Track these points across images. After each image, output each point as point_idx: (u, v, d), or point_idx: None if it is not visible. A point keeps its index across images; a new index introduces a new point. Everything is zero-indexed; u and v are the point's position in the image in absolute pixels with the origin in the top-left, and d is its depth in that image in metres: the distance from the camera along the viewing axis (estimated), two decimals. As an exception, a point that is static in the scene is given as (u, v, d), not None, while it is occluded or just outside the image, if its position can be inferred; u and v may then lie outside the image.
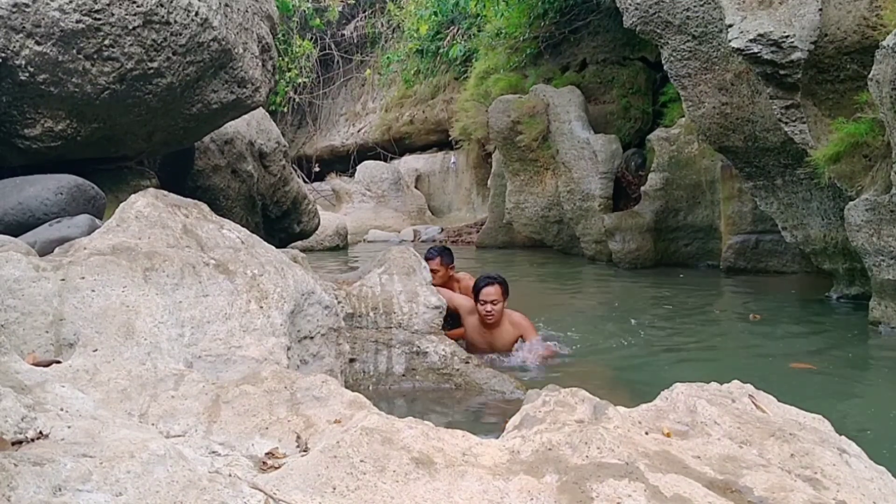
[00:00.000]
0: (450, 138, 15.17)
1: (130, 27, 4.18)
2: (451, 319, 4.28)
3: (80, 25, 4.03)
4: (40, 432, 1.34)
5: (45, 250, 2.78)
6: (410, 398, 3.34)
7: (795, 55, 4.85)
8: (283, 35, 17.01)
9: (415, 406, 3.21)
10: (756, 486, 1.33)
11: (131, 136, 5.03)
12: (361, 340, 3.52)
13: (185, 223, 2.71)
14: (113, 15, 4.10)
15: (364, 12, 19.33)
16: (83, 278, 2.19)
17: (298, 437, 1.63)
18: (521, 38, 11.83)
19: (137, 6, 4.16)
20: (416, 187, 17.50)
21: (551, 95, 10.11)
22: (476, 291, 4.24)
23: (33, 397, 1.48)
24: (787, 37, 4.84)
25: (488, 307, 4.15)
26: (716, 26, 5.98)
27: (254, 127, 8.20)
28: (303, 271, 2.89)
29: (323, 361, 2.78)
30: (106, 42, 4.15)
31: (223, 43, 4.73)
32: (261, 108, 6.78)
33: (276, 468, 1.42)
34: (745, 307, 6.00)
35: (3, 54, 3.92)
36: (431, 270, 4.19)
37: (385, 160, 17.95)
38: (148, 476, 1.20)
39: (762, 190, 6.47)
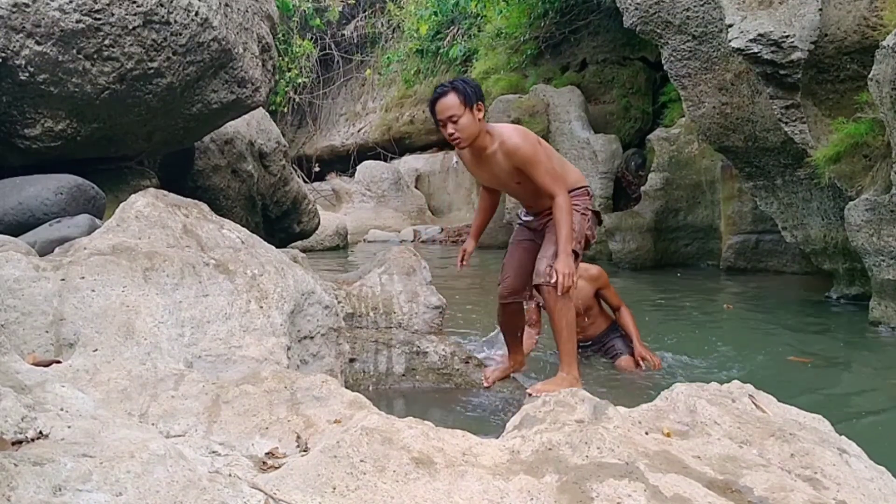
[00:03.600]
0: (450, 138, 15.14)
1: (130, 27, 4.18)
2: None
3: (80, 25, 4.03)
4: (40, 432, 1.34)
5: (45, 250, 2.78)
6: (410, 398, 3.34)
7: (795, 55, 4.85)
8: (283, 35, 17.01)
9: (415, 406, 3.21)
10: (756, 486, 1.33)
11: (131, 136, 5.03)
12: (361, 340, 3.52)
13: (185, 223, 2.71)
14: (113, 15, 4.10)
15: (364, 12, 19.32)
16: (83, 278, 2.19)
17: (298, 437, 1.63)
18: (522, 38, 11.82)
19: (137, 6, 4.16)
20: (416, 187, 17.48)
21: (551, 95, 10.11)
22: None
23: (33, 397, 1.48)
24: (787, 37, 4.84)
25: (449, 129, 3.01)
26: (716, 26, 5.98)
27: (254, 127, 8.20)
28: (303, 271, 2.89)
29: (323, 361, 2.78)
30: (106, 42, 4.15)
31: (223, 43, 4.73)
32: (261, 108, 6.79)
33: (276, 468, 1.42)
34: (744, 307, 6.00)
35: (3, 54, 3.92)
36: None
37: (385, 160, 17.93)
38: (148, 476, 1.20)
39: (762, 190, 6.47)
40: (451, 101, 3.01)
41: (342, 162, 19.24)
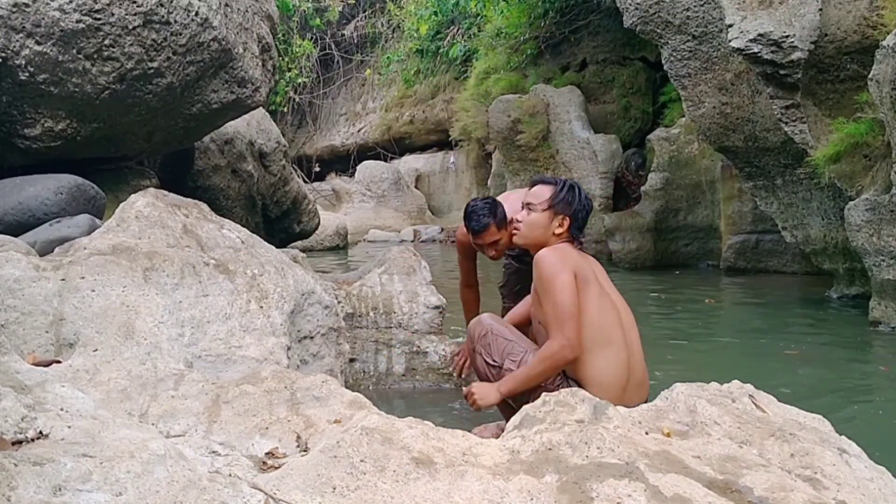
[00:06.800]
0: (450, 138, 15.15)
1: (130, 27, 4.18)
2: None
3: (80, 25, 4.03)
4: (40, 432, 1.34)
5: (45, 250, 2.78)
6: (410, 398, 3.34)
7: (795, 55, 4.85)
8: (283, 35, 17.00)
9: (415, 406, 3.21)
10: (756, 485, 1.33)
11: (131, 136, 5.03)
12: (361, 340, 3.52)
13: (185, 223, 2.71)
14: (113, 15, 4.09)
15: (364, 12, 19.31)
16: (83, 278, 2.19)
17: (298, 437, 1.63)
18: (522, 38, 11.82)
19: (137, 6, 4.15)
20: (416, 187, 17.48)
21: (551, 95, 10.11)
22: None
23: (33, 397, 1.48)
24: (787, 37, 4.84)
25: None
26: (716, 26, 5.98)
27: (254, 127, 8.20)
28: (303, 271, 2.89)
29: (323, 361, 2.78)
30: (106, 42, 4.15)
31: (223, 43, 4.72)
32: (261, 108, 6.79)
33: (276, 468, 1.42)
34: (744, 306, 6.00)
35: (3, 54, 3.91)
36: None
37: (385, 160, 17.93)
38: (148, 476, 1.20)
39: (762, 190, 6.47)
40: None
41: (342, 162, 19.24)
